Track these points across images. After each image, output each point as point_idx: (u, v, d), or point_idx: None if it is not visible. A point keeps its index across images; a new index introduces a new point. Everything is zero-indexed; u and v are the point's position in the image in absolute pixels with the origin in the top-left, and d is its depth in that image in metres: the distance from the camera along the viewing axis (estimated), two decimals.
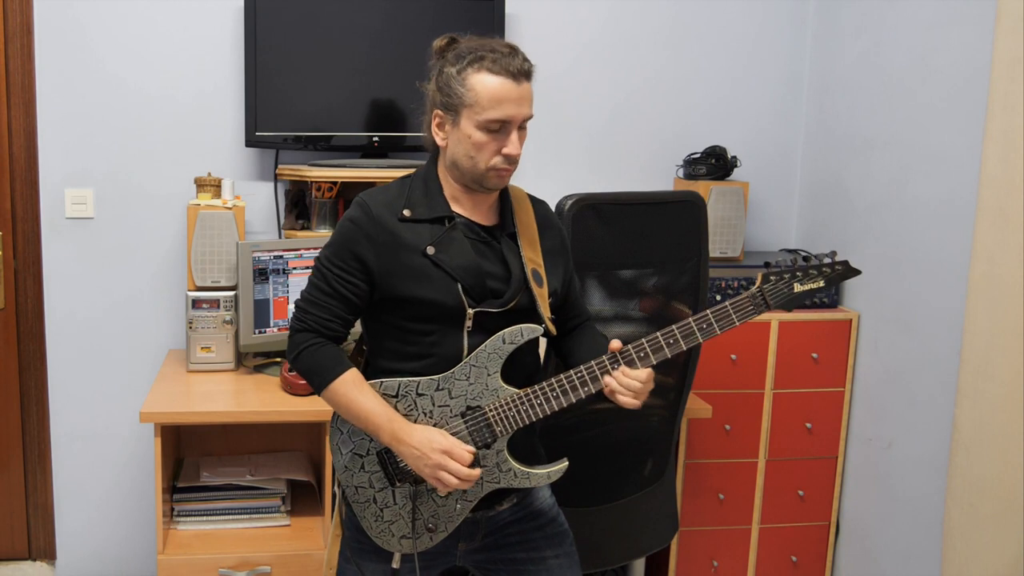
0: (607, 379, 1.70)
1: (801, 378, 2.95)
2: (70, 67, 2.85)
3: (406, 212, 1.72)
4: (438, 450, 1.67)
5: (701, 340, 1.69)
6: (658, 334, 1.70)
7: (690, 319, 1.69)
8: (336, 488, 1.87)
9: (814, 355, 2.94)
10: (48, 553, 3.07)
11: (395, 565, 1.80)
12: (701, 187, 2.98)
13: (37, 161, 2.88)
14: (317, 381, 1.74)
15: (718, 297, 2.93)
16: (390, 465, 1.77)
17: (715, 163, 3.03)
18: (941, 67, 2.59)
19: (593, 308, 2.36)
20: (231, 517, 2.63)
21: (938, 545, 2.56)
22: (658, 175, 3.21)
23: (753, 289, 1.71)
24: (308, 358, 1.74)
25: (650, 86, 3.18)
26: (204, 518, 2.61)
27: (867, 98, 2.92)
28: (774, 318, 2.89)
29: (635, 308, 2.42)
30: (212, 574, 2.45)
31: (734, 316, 1.69)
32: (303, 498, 2.75)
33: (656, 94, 3.19)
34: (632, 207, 2.34)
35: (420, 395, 1.72)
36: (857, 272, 1.76)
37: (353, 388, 1.72)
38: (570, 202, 2.22)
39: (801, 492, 3.02)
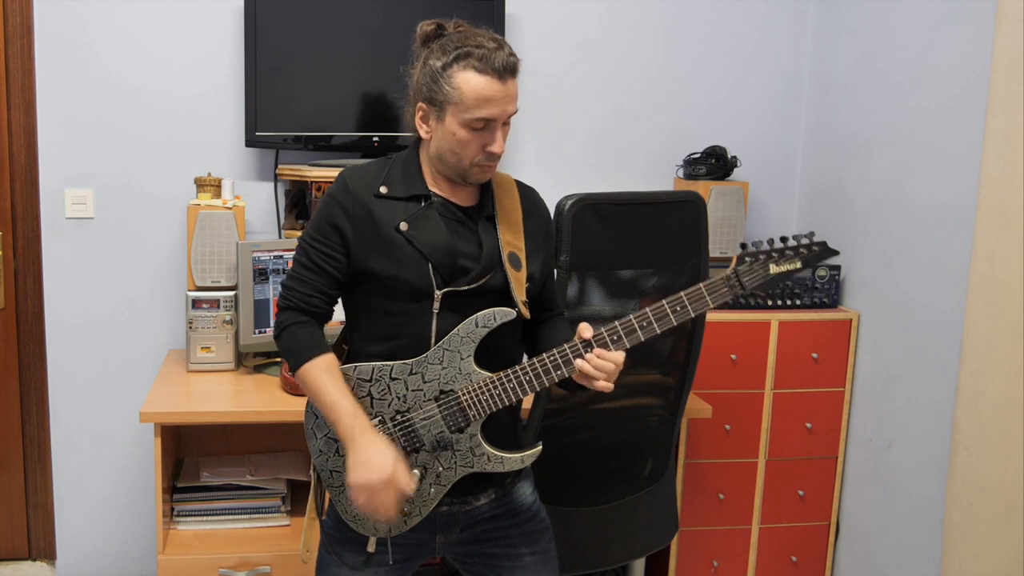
0: (579, 362, 1.68)
1: (801, 378, 2.95)
2: (70, 67, 2.85)
3: (383, 189, 1.73)
4: (384, 475, 1.63)
5: (675, 322, 1.66)
6: (632, 317, 1.68)
7: (663, 302, 1.67)
8: (311, 472, 1.87)
9: (814, 355, 2.94)
10: (48, 553, 3.07)
11: (370, 549, 1.80)
12: (701, 187, 2.98)
13: (37, 161, 2.88)
14: (293, 361, 1.74)
15: None
16: None
17: (715, 163, 3.03)
18: (941, 67, 2.59)
19: (593, 308, 2.36)
20: (231, 517, 2.63)
21: (938, 545, 2.56)
22: (658, 175, 3.21)
23: (728, 271, 1.67)
24: (288, 337, 1.75)
25: (650, 86, 3.18)
26: (204, 518, 2.61)
27: (867, 98, 2.92)
28: (774, 318, 2.89)
29: (635, 308, 2.42)
30: (212, 574, 2.45)
31: (708, 298, 1.66)
32: (303, 498, 2.74)
33: (656, 94, 3.19)
34: (632, 207, 2.33)
35: (394, 379, 1.73)
36: (835, 252, 1.71)
37: (323, 373, 1.71)
38: (570, 202, 2.22)
39: (801, 492, 3.02)
